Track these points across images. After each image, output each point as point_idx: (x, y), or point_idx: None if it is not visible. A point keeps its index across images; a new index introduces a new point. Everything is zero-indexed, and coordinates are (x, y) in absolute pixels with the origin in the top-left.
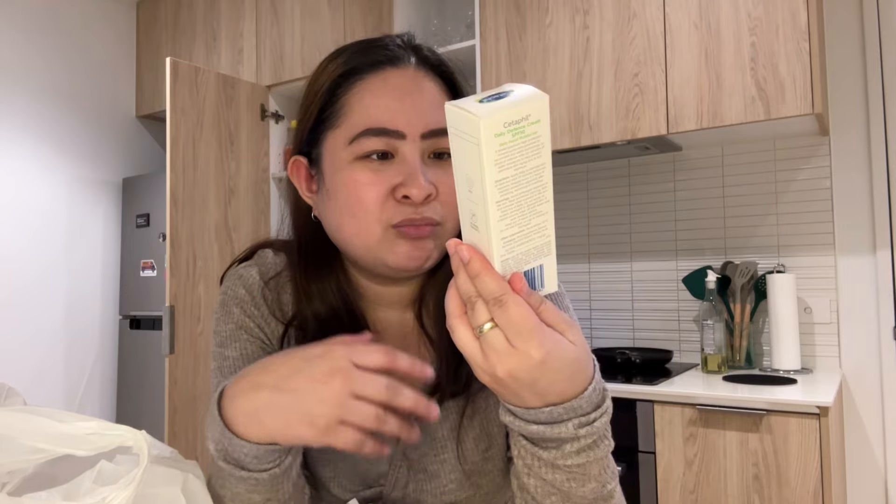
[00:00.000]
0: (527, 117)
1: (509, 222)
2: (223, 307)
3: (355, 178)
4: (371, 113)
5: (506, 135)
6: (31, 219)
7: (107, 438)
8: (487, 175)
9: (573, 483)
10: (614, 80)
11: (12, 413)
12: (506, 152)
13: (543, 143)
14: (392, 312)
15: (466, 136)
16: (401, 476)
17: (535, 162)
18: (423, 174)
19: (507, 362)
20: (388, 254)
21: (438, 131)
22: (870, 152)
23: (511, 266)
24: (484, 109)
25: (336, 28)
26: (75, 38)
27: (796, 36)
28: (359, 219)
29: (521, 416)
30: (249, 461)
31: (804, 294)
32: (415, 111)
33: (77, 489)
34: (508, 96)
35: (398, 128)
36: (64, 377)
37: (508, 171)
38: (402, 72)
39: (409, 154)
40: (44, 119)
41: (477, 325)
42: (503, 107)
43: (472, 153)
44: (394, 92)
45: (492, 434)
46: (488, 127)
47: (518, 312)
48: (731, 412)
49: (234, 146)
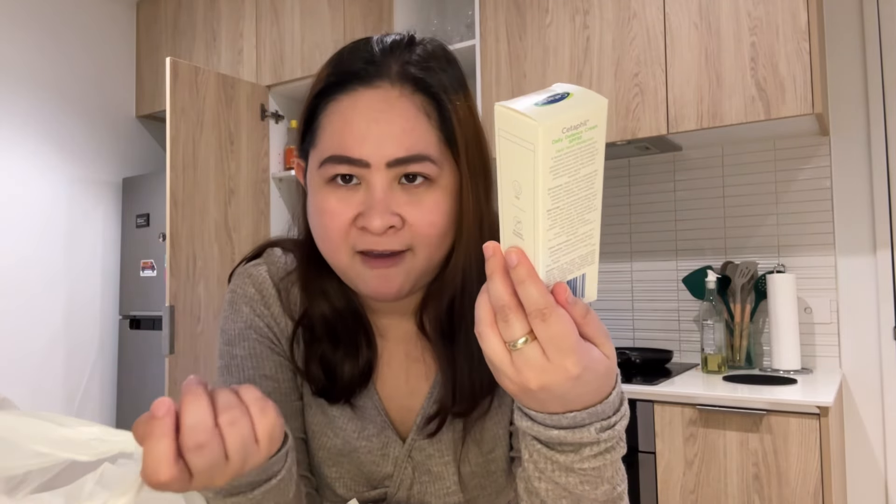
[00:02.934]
0: (585, 122)
1: (558, 231)
2: (232, 306)
3: (323, 205)
4: (337, 139)
5: (563, 141)
6: (31, 219)
7: (108, 444)
8: (541, 182)
9: (586, 486)
10: (614, 80)
11: (13, 416)
12: (561, 159)
13: (598, 149)
14: (395, 320)
15: (519, 140)
16: (405, 477)
17: (589, 169)
18: (386, 205)
19: (541, 377)
20: (359, 282)
21: (408, 159)
22: (870, 152)
23: (555, 276)
24: (542, 113)
25: (336, 28)
26: (75, 38)
27: (796, 36)
28: (327, 244)
29: (541, 422)
30: (256, 475)
31: (804, 294)
32: (382, 138)
33: (79, 491)
34: (566, 99)
35: (362, 157)
36: (64, 377)
37: (562, 179)
38: (374, 92)
39: (373, 182)
40: (44, 119)
41: (511, 339)
42: (562, 111)
43: (524, 158)
44: (362, 116)
45: (496, 435)
46: (547, 132)
47: (560, 327)
48: (731, 412)
49: (234, 146)
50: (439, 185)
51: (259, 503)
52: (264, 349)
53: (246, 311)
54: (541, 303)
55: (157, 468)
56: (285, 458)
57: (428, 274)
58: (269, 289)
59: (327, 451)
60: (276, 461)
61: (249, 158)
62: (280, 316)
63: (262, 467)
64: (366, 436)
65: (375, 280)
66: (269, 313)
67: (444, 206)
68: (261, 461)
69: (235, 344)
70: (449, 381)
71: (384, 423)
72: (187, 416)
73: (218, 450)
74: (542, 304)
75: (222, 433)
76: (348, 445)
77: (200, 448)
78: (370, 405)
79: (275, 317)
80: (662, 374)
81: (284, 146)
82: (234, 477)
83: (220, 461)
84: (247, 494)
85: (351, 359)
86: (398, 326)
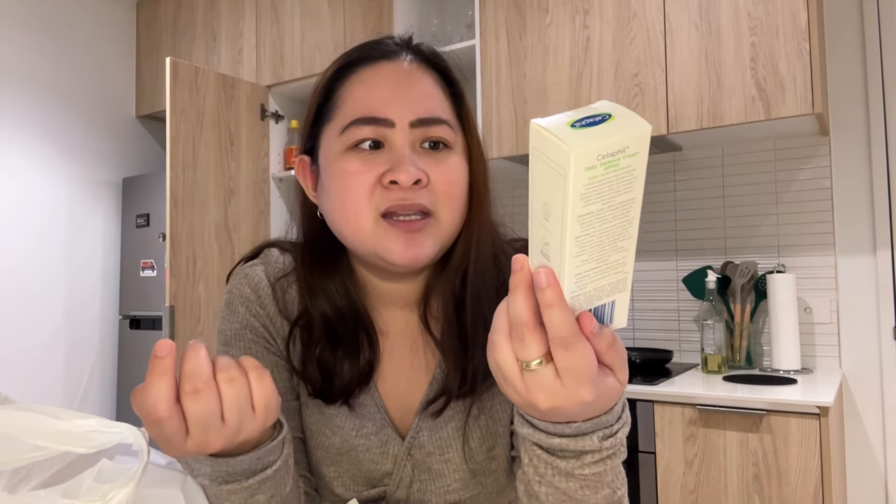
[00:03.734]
0: (624, 149)
1: (586, 258)
2: (228, 306)
3: (345, 168)
4: (361, 102)
5: (598, 168)
6: (31, 219)
7: (107, 436)
8: (570, 209)
9: (587, 490)
10: (614, 80)
11: (11, 411)
12: (594, 186)
13: (637, 176)
14: (397, 312)
15: (551, 162)
16: (405, 475)
17: (625, 196)
18: (412, 161)
19: (552, 400)
20: (381, 248)
21: (429, 120)
22: (870, 152)
23: (581, 303)
24: (576, 138)
25: (336, 28)
26: (75, 38)
27: (796, 36)
28: (349, 209)
29: (543, 429)
30: (252, 463)
31: (804, 294)
32: (405, 99)
33: (77, 487)
34: (606, 122)
35: (387, 116)
36: (64, 377)
37: (594, 206)
38: (395, 64)
39: (398, 141)
40: (44, 119)
41: (525, 359)
42: (599, 136)
43: (555, 182)
44: (385, 81)
45: (497, 433)
46: (579, 160)
47: (582, 359)
48: (731, 412)
49: (234, 146)
50: (457, 153)
51: (255, 493)
52: (260, 349)
53: (242, 311)
54: (566, 331)
55: (156, 404)
56: (282, 448)
57: (448, 244)
58: (266, 289)
59: (325, 450)
60: (272, 450)
61: (249, 158)
62: (276, 316)
63: (258, 455)
64: (364, 434)
65: (403, 243)
66: (265, 314)
67: (462, 171)
68: (256, 430)
69: (232, 344)
70: (456, 363)
71: (383, 421)
72: (187, 364)
73: (214, 401)
74: (568, 333)
75: (219, 388)
76: (346, 444)
77: (197, 394)
78: (370, 402)
79: (271, 317)
80: (662, 374)
81: (284, 146)
82: (228, 440)
83: (215, 417)
84: (242, 482)
85: (351, 359)
86: (400, 319)
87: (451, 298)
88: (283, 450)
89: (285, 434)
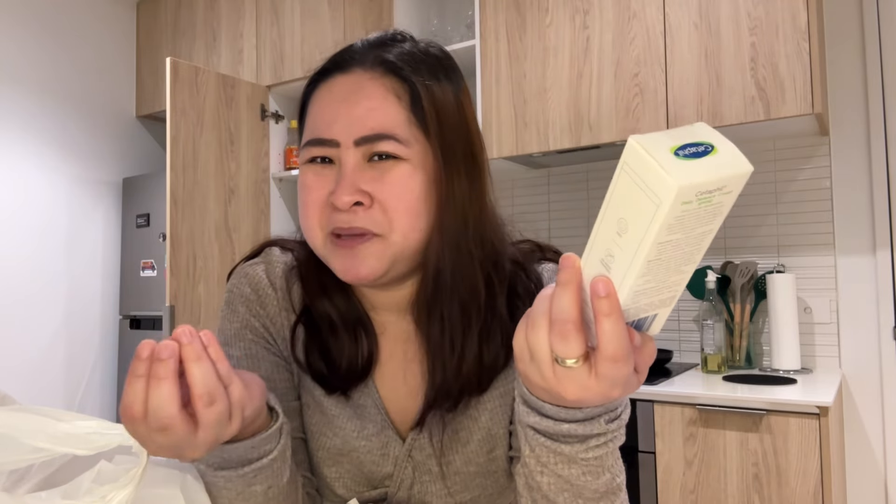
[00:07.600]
0: (722, 188)
1: (649, 278)
2: (229, 306)
3: (303, 181)
4: (312, 123)
5: (693, 203)
6: (31, 219)
7: (106, 438)
8: (654, 237)
9: (588, 476)
10: (614, 80)
11: (12, 412)
12: (683, 218)
13: (723, 212)
14: (391, 316)
15: (643, 184)
16: (406, 477)
17: (705, 228)
18: (352, 181)
19: (581, 394)
20: (332, 263)
21: (372, 137)
22: (870, 152)
23: (629, 315)
24: (680, 170)
25: (336, 28)
26: (76, 38)
27: (796, 36)
28: (305, 224)
29: (552, 416)
30: (247, 451)
31: (804, 294)
32: (349, 118)
33: (77, 489)
34: (710, 155)
35: (332, 136)
36: (64, 377)
37: (676, 235)
38: (347, 77)
39: (343, 160)
40: (44, 119)
41: (562, 356)
42: (702, 172)
43: (643, 206)
44: (333, 99)
45: (497, 435)
46: (680, 194)
47: (627, 371)
48: (731, 412)
49: (234, 146)
50: (410, 163)
51: (251, 483)
52: (260, 349)
53: (242, 311)
54: (619, 347)
55: (164, 410)
56: (278, 438)
57: (406, 258)
58: (266, 288)
59: (326, 451)
60: (268, 438)
61: (249, 158)
62: (276, 316)
63: (252, 443)
64: (365, 435)
65: (342, 260)
66: (265, 313)
67: (412, 182)
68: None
69: (232, 344)
70: (445, 369)
71: (384, 422)
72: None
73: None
74: (622, 350)
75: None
76: (348, 445)
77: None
78: (370, 403)
79: (271, 317)
80: (662, 374)
81: (284, 146)
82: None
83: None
84: (237, 470)
85: (351, 348)
86: (396, 324)
87: (425, 305)
88: (280, 440)
89: (281, 423)
